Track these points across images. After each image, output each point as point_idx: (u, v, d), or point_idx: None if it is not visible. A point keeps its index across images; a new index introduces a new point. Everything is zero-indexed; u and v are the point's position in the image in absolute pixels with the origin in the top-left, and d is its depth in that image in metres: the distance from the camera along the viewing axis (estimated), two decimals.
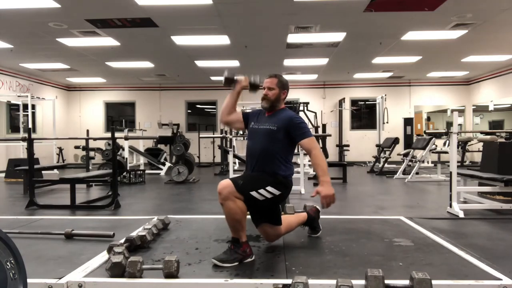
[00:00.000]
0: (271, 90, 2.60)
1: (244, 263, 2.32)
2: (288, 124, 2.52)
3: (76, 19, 6.09)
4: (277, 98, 2.61)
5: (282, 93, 2.63)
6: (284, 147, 2.55)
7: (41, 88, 11.49)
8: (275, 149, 2.51)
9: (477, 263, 2.28)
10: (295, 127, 2.51)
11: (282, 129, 2.52)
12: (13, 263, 1.55)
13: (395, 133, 10.51)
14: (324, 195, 2.33)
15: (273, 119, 2.59)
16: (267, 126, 2.57)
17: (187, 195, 5.70)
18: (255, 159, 2.55)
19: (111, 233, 2.95)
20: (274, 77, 2.63)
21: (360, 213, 4.17)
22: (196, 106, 13.68)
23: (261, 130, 2.59)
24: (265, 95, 2.61)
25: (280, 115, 2.60)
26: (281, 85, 2.62)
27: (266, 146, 2.52)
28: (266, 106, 2.63)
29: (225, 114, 2.74)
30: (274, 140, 2.52)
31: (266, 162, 2.51)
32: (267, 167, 2.50)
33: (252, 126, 2.67)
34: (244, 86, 2.69)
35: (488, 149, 5.27)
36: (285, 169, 2.52)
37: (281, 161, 2.52)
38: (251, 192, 2.35)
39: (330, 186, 2.36)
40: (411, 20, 6.33)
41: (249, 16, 6.06)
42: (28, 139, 4.79)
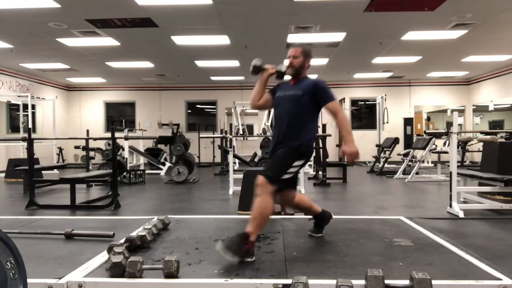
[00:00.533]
0: (296, 58, 2.75)
1: (243, 263, 2.32)
2: (313, 89, 2.67)
3: (76, 19, 6.10)
4: (302, 66, 2.76)
5: (306, 61, 2.78)
6: (310, 112, 2.70)
7: (41, 88, 11.49)
8: (300, 113, 2.67)
9: (477, 263, 2.28)
10: (321, 90, 2.66)
11: (307, 93, 2.66)
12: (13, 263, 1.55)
13: (395, 133, 10.51)
14: (349, 152, 2.52)
15: (298, 86, 2.73)
16: (292, 92, 2.73)
17: (187, 195, 5.70)
18: (282, 124, 2.70)
19: (111, 233, 2.95)
20: (298, 46, 2.81)
21: (360, 213, 4.17)
22: (196, 106, 13.68)
23: (287, 97, 2.74)
24: (290, 63, 2.77)
25: (305, 81, 2.75)
26: (305, 54, 2.77)
27: (292, 111, 2.67)
28: (291, 72, 2.78)
29: (256, 100, 2.92)
30: (299, 105, 2.67)
31: (291, 127, 2.66)
32: (292, 133, 2.64)
33: (278, 95, 2.83)
34: (271, 73, 2.84)
35: (488, 149, 5.27)
36: (308, 133, 2.69)
37: (306, 125, 2.67)
38: (282, 177, 2.54)
39: (354, 144, 2.55)
40: (411, 20, 6.33)
41: (249, 16, 6.06)
42: (28, 139, 4.79)
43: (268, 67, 2.83)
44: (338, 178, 7.11)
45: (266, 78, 2.86)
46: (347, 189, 6.33)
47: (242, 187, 4.25)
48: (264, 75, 2.85)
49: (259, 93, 2.91)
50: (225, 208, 4.70)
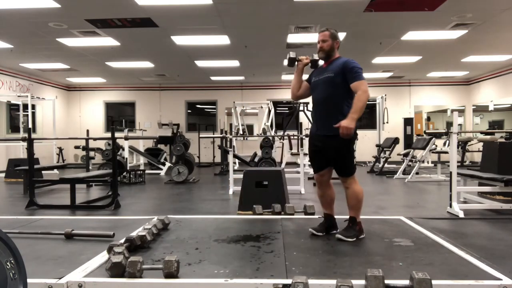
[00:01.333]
0: (325, 42, 2.87)
1: (243, 263, 2.32)
2: (343, 68, 2.77)
3: (76, 19, 6.10)
4: (332, 48, 2.88)
5: (335, 42, 2.90)
6: (345, 91, 2.77)
7: (41, 88, 11.49)
8: (336, 93, 2.79)
9: (477, 263, 2.28)
10: (349, 70, 2.76)
11: (339, 74, 2.77)
12: (13, 263, 1.55)
13: (395, 133, 10.51)
14: (344, 125, 2.62)
15: (330, 67, 2.86)
16: (325, 74, 2.85)
17: (187, 195, 5.70)
18: (321, 107, 2.87)
19: (111, 233, 2.95)
20: (325, 30, 2.91)
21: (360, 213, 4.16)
22: (196, 106, 13.68)
23: (321, 80, 2.88)
24: (320, 47, 2.89)
25: (336, 62, 2.86)
26: (333, 36, 2.89)
27: (328, 93, 2.81)
28: (322, 56, 2.91)
29: (295, 91, 3.11)
30: (333, 86, 2.79)
31: (330, 109, 2.80)
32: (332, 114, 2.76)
33: (313, 80, 2.98)
34: (305, 63, 3.03)
35: (488, 149, 5.27)
36: (347, 109, 2.73)
37: (344, 103, 2.77)
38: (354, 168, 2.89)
39: (354, 121, 2.64)
40: (411, 20, 6.33)
41: (249, 16, 6.06)
42: (28, 139, 4.79)
43: (302, 58, 2.99)
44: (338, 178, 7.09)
45: (301, 68, 3.04)
46: None
47: (242, 187, 4.25)
48: (299, 65, 3.03)
49: (298, 83, 3.08)
50: (225, 208, 4.70)
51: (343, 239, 2.73)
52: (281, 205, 3.73)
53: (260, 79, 12.24)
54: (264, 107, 10.82)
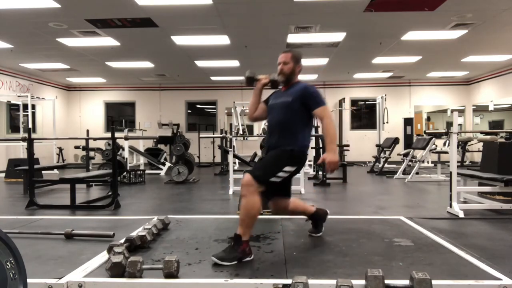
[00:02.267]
0: (286, 64, 2.72)
1: (243, 263, 2.32)
2: (302, 94, 2.63)
3: (76, 19, 6.10)
4: (292, 72, 2.73)
5: (297, 66, 2.76)
6: (301, 118, 2.64)
7: (41, 88, 11.49)
8: (291, 120, 2.63)
9: (477, 263, 2.28)
10: (309, 96, 2.62)
11: (297, 99, 2.62)
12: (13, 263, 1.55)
13: (395, 133, 10.51)
14: (328, 161, 2.46)
15: (289, 92, 2.71)
16: (283, 99, 2.70)
17: (187, 195, 5.70)
18: (274, 131, 2.69)
19: (111, 233, 2.95)
20: (288, 52, 2.77)
21: (360, 213, 4.17)
22: (196, 106, 13.68)
23: (278, 104, 2.72)
24: (280, 70, 2.74)
25: (295, 87, 2.71)
26: (296, 59, 2.75)
27: (283, 118, 2.65)
28: (282, 79, 2.75)
29: (252, 112, 2.89)
30: (290, 112, 2.64)
31: (284, 134, 2.62)
32: (285, 140, 2.60)
33: (270, 103, 2.82)
34: (264, 83, 2.79)
35: (488, 149, 5.27)
36: (302, 140, 2.63)
37: (299, 131, 2.63)
38: (270, 179, 2.47)
39: (335, 154, 2.50)
40: (411, 20, 6.33)
41: (249, 16, 6.06)
42: (28, 139, 4.79)
43: (261, 77, 2.78)
44: (338, 178, 7.10)
45: (259, 88, 2.81)
46: (347, 189, 6.33)
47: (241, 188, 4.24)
48: (258, 85, 2.79)
49: (255, 104, 2.85)
50: (225, 208, 4.70)
51: (217, 262, 2.28)
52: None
53: None
54: None
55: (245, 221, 2.39)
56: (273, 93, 2.88)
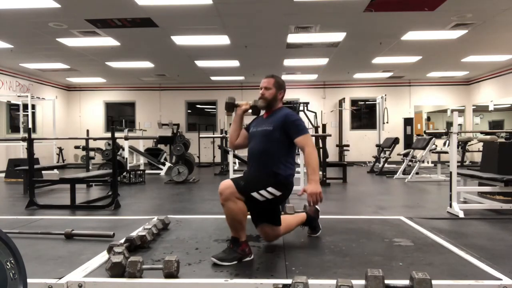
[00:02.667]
0: (268, 90, 2.65)
1: (243, 263, 2.32)
2: (283, 122, 2.54)
3: (76, 19, 6.09)
4: (274, 98, 2.66)
5: (279, 93, 2.68)
6: (283, 147, 2.55)
7: (41, 88, 11.49)
8: (272, 149, 2.52)
9: (477, 263, 2.28)
10: (290, 125, 2.53)
11: (278, 128, 2.54)
12: (13, 263, 1.55)
13: (395, 133, 10.51)
14: (310, 192, 2.33)
15: (270, 120, 2.63)
16: (264, 127, 2.61)
17: (187, 195, 5.70)
18: (255, 160, 2.59)
19: (111, 233, 2.95)
20: (271, 77, 2.69)
21: (360, 213, 4.17)
22: (196, 106, 13.68)
23: (259, 132, 2.63)
24: (262, 95, 2.66)
25: (277, 114, 2.63)
26: (278, 86, 2.67)
27: (264, 147, 2.55)
28: (263, 105, 2.68)
29: (233, 140, 2.82)
30: (271, 140, 2.54)
31: (265, 163, 2.52)
32: (267, 168, 2.50)
33: (251, 130, 2.72)
34: (245, 110, 2.73)
35: (488, 149, 5.27)
36: (285, 169, 2.51)
37: (281, 161, 2.51)
38: (252, 193, 2.37)
39: (318, 184, 2.36)
40: (411, 20, 6.33)
41: (249, 16, 6.06)
42: (28, 139, 4.79)
43: (241, 103, 2.72)
44: (338, 178, 7.10)
45: (240, 115, 2.75)
46: (347, 189, 6.33)
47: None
48: (238, 112, 2.74)
49: (235, 131, 2.79)
50: None
51: (217, 263, 2.28)
52: (281, 206, 3.73)
53: (260, 79, 11.91)
54: None
55: (235, 226, 2.36)
56: (254, 120, 2.79)
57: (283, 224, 2.69)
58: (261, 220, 2.62)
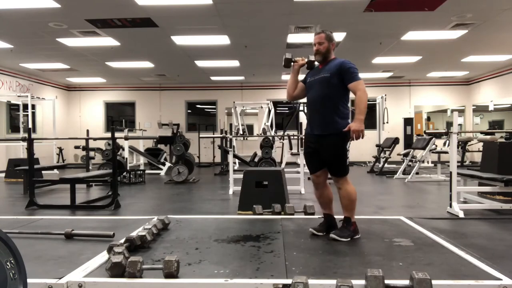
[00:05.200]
0: (322, 44, 2.90)
1: (243, 263, 2.32)
2: (339, 69, 2.80)
3: (76, 19, 6.10)
4: (328, 50, 2.91)
5: (331, 44, 2.93)
6: (340, 91, 2.82)
7: (41, 88, 11.49)
8: (331, 94, 2.82)
9: (477, 263, 2.28)
10: (345, 71, 2.79)
11: (335, 74, 2.80)
12: (13, 263, 1.55)
13: (395, 133, 10.51)
14: (354, 129, 2.69)
15: (326, 68, 2.88)
16: (321, 75, 2.88)
17: (187, 195, 5.70)
18: (315, 107, 2.90)
19: (111, 233, 2.95)
20: (321, 32, 2.93)
21: (360, 213, 4.15)
22: (196, 106, 13.68)
23: (316, 80, 2.90)
24: (317, 50, 2.91)
25: (332, 63, 2.89)
26: (329, 38, 2.92)
27: (323, 92, 2.84)
28: (319, 59, 2.93)
29: (292, 91, 3.11)
30: (329, 86, 2.82)
31: (325, 109, 2.83)
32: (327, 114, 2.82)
33: (308, 81, 3.00)
34: (301, 64, 3.02)
35: (488, 149, 5.27)
36: (343, 110, 2.84)
37: (339, 103, 2.83)
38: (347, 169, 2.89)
39: (362, 123, 2.69)
40: (411, 20, 6.33)
41: (249, 16, 6.06)
42: (28, 139, 4.79)
43: (298, 59, 3.01)
44: None
45: (297, 69, 3.05)
46: None
47: (242, 187, 4.25)
48: (295, 66, 3.03)
49: (293, 83, 3.08)
50: (225, 208, 4.70)
51: (337, 239, 2.75)
52: (281, 205, 3.73)
53: (260, 79, 12.25)
54: (264, 107, 10.82)
55: (349, 206, 2.83)
56: (309, 72, 3.04)
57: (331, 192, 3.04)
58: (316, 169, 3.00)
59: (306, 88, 3.03)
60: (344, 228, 2.82)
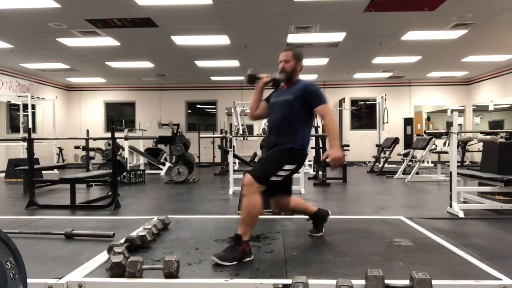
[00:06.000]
0: (288, 62, 2.72)
1: (244, 263, 2.32)
2: (304, 92, 2.63)
3: (76, 19, 6.10)
4: (294, 70, 2.74)
5: (298, 64, 2.76)
6: (302, 116, 2.65)
7: (41, 88, 11.49)
8: (292, 118, 2.63)
9: (477, 263, 2.28)
10: (311, 94, 2.63)
11: (299, 97, 2.63)
12: (13, 263, 1.55)
13: (395, 133, 10.51)
14: (333, 157, 2.47)
15: (290, 90, 2.70)
16: (284, 97, 2.70)
17: (187, 195, 5.70)
18: (275, 129, 2.68)
19: (111, 233, 2.95)
20: (289, 50, 2.77)
21: (360, 213, 4.17)
22: (196, 106, 13.68)
23: (279, 102, 2.72)
24: (282, 68, 2.73)
25: (297, 85, 2.71)
26: (297, 57, 2.75)
27: (284, 116, 2.64)
28: (283, 78, 2.75)
29: (253, 111, 2.88)
30: (291, 109, 2.63)
31: (283, 132, 2.62)
32: (284, 138, 2.60)
33: (271, 101, 2.80)
34: (266, 82, 2.79)
35: (488, 149, 5.27)
36: (303, 137, 2.63)
37: (300, 130, 2.62)
38: (271, 179, 2.47)
39: (339, 149, 2.50)
40: (411, 20, 6.33)
41: (249, 16, 6.06)
42: (28, 139, 4.79)
43: (262, 76, 2.78)
44: (338, 178, 7.10)
45: (261, 87, 2.81)
46: (347, 189, 6.33)
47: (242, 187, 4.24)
48: (259, 84, 2.79)
49: (256, 102, 2.85)
50: (225, 208, 4.70)
51: (218, 262, 2.27)
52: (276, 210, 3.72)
53: None
54: None
55: (246, 221, 2.40)
56: (274, 92, 2.87)
57: (293, 199, 2.81)
58: (275, 192, 2.72)
59: (269, 108, 2.79)
60: (231, 249, 2.34)
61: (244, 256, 2.36)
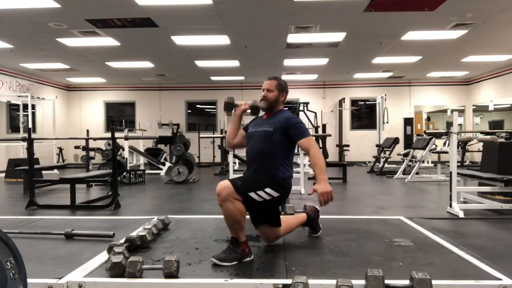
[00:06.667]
0: (270, 92, 2.62)
1: (244, 263, 2.32)
2: (285, 125, 2.52)
3: (76, 19, 6.10)
4: (276, 100, 2.64)
5: (281, 95, 2.66)
6: (282, 148, 2.53)
7: (41, 88, 11.49)
8: (272, 151, 2.50)
9: (477, 263, 2.28)
10: (292, 127, 2.51)
11: (279, 130, 2.51)
12: (13, 263, 1.55)
13: (395, 133, 10.51)
14: (321, 192, 2.29)
15: (270, 121, 2.60)
16: (264, 128, 2.58)
17: (187, 195, 5.70)
18: (254, 161, 2.56)
19: (111, 233, 2.95)
20: (273, 79, 2.66)
21: (360, 213, 4.17)
22: (196, 106, 13.68)
23: (258, 133, 2.60)
24: (264, 97, 2.63)
25: (278, 116, 2.61)
26: (280, 88, 2.65)
27: (263, 148, 2.52)
28: (264, 106, 2.66)
29: (231, 140, 2.77)
30: (270, 141, 2.51)
31: (263, 164, 2.51)
32: (265, 170, 2.49)
33: (250, 131, 2.69)
34: (244, 109, 2.71)
35: (488, 149, 5.27)
36: (284, 171, 2.51)
37: (280, 163, 2.50)
38: (249, 193, 2.35)
39: (327, 184, 2.35)
40: (411, 20, 6.33)
41: (249, 16, 6.06)
42: (28, 139, 4.79)
43: (240, 103, 2.70)
44: (338, 178, 7.10)
45: (239, 115, 2.72)
46: (347, 189, 6.33)
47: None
48: (237, 111, 2.71)
49: (234, 131, 2.74)
50: None
51: (217, 263, 2.27)
52: (281, 205, 3.73)
53: (260, 79, 12.23)
54: None
55: (234, 227, 2.35)
56: (253, 120, 2.75)
57: (283, 225, 2.68)
58: (260, 221, 2.62)
59: (247, 137, 2.69)
60: (230, 250, 2.35)
61: (244, 256, 2.36)
